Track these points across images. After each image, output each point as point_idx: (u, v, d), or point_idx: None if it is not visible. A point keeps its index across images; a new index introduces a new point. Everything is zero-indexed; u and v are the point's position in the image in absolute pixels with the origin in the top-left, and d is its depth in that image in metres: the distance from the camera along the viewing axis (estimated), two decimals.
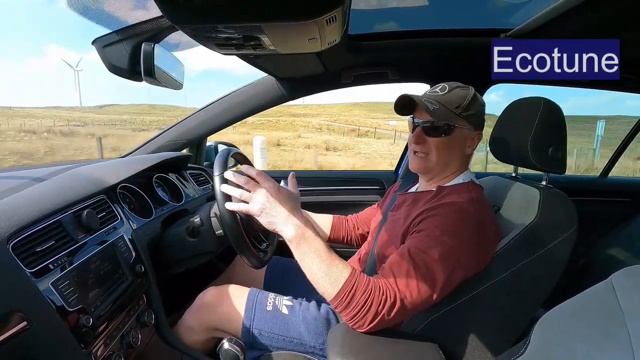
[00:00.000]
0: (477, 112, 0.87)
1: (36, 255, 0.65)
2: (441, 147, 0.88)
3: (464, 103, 0.86)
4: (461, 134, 0.88)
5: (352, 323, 0.74)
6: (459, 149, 0.89)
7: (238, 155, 1.16)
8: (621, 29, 1.03)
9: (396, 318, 0.73)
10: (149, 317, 0.91)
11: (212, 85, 68.92)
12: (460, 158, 0.91)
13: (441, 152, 0.88)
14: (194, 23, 0.70)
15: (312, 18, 0.66)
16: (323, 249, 0.75)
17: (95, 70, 24.32)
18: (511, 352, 0.50)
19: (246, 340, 0.91)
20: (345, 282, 0.72)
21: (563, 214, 0.83)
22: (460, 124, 0.86)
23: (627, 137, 1.89)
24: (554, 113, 0.85)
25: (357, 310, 0.71)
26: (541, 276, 0.82)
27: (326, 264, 0.73)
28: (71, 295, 0.67)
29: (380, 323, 0.72)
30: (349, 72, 1.49)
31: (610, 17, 0.94)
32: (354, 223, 1.27)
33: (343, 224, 1.27)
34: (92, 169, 1.03)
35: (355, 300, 0.71)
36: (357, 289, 0.71)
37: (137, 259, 0.91)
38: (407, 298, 0.72)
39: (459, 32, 1.28)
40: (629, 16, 0.93)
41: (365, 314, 0.71)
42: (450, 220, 0.77)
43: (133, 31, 0.97)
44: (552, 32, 1.07)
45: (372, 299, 0.71)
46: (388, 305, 0.71)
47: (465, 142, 0.89)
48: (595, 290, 0.42)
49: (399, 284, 0.72)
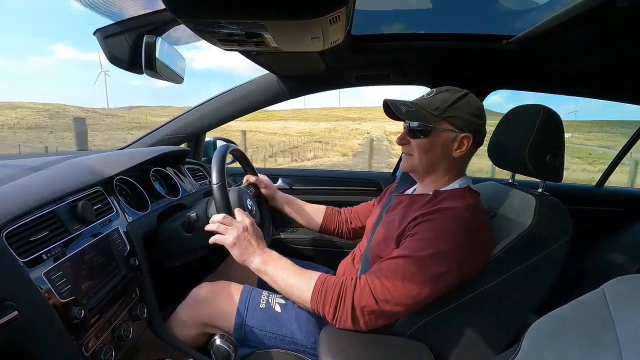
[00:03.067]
0: (462, 114, 0.86)
1: (30, 244, 0.65)
2: (421, 148, 0.89)
3: (444, 105, 0.86)
4: (444, 136, 0.87)
5: (335, 322, 0.76)
6: (443, 151, 0.88)
7: (235, 152, 1.16)
8: (623, 39, 1.03)
9: (381, 316, 0.75)
10: (142, 311, 0.90)
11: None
12: (447, 160, 0.89)
13: (422, 153, 0.90)
14: (197, 17, 0.70)
15: (315, 17, 0.66)
16: (290, 265, 0.83)
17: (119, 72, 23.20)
18: (502, 358, 0.50)
19: (238, 336, 0.91)
20: (316, 283, 0.78)
21: (558, 222, 0.84)
22: (440, 126, 0.86)
23: (625, 146, 1.91)
24: (552, 121, 0.86)
25: (334, 306, 0.75)
26: (534, 283, 0.82)
27: (295, 275, 0.80)
28: (64, 286, 0.67)
29: (363, 319, 0.74)
30: (350, 72, 1.49)
31: (613, 26, 0.94)
32: (347, 216, 1.28)
33: (335, 215, 1.28)
34: (89, 160, 1.03)
35: (329, 295, 0.75)
36: (329, 285, 0.77)
37: (132, 252, 0.90)
38: (390, 296, 0.74)
39: (462, 37, 1.28)
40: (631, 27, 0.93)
41: (342, 307, 0.74)
42: (445, 226, 0.77)
43: (135, 23, 0.97)
44: (555, 40, 1.07)
45: (345, 292, 0.75)
46: (366, 299, 0.74)
47: (451, 145, 0.88)
48: (588, 299, 0.43)
49: (384, 282, 0.74)
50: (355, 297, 0.74)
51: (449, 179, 0.91)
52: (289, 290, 0.80)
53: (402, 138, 0.94)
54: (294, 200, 1.31)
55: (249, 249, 0.85)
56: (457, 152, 0.88)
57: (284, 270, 0.82)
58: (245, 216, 0.89)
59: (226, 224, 0.86)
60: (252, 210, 1.04)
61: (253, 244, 0.85)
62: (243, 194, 1.03)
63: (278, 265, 0.83)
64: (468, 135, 0.87)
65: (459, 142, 0.87)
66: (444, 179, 0.92)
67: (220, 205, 0.87)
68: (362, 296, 0.74)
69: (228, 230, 0.85)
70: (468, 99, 0.88)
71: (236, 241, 0.84)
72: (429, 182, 0.94)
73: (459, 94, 0.88)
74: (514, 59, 1.31)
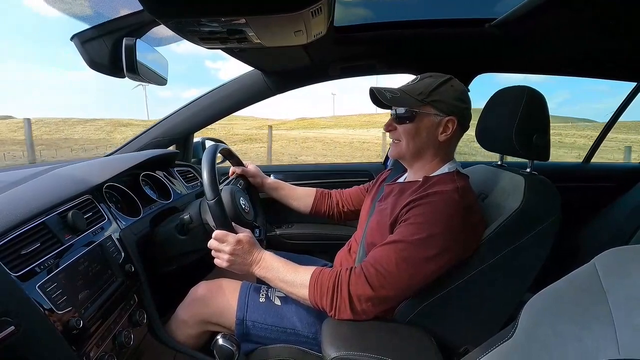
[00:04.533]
0: (446, 98, 0.87)
1: (21, 258, 0.64)
2: (408, 134, 0.90)
3: (428, 89, 0.87)
4: (428, 120, 0.88)
5: (334, 313, 0.78)
6: (429, 135, 0.89)
7: (225, 151, 1.16)
8: (606, 18, 1.05)
9: (378, 303, 0.77)
10: (141, 317, 0.90)
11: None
12: (434, 145, 0.90)
13: (409, 138, 0.90)
14: (176, 17, 0.69)
15: (297, 10, 0.66)
16: (284, 264, 0.86)
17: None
18: (500, 336, 0.51)
19: (240, 332, 0.91)
20: (311, 278, 0.81)
21: (547, 200, 0.85)
22: (424, 110, 0.87)
23: (610, 121, 1.94)
24: (537, 101, 0.87)
25: (330, 297, 0.77)
26: (528, 261, 0.84)
27: (291, 273, 0.84)
28: (60, 298, 0.66)
29: (361, 307, 0.76)
30: (336, 64, 1.49)
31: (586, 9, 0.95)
32: (337, 199, 1.29)
33: (326, 198, 1.30)
34: (76, 169, 1.01)
35: (324, 288, 0.78)
36: (323, 278, 0.79)
37: (127, 258, 0.89)
38: (386, 282, 0.75)
39: (445, 22, 1.28)
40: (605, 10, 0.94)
41: (339, 298, 0.76)
42: (436, 209, 0.78)
43: (113, 26, 0.95)
44: (536, 21, 1.08)
45: (341, 283, 0.77)
46: (362, 287, 0.76)
47: (436, 129, 0.88)
48: (579, 273, 0.44)
49: (378, 268, 0.76)
50: (351, 287, 0.76)
51: (437, 163, 0.92)
52: (288, 289, 0.84)
53: (388, 125, 0.95)
54: (283, 185, 1.31)
55: (246, 261, 0.86)
56: (442, 136, 0.89)
57: (280, 271, 0.84)
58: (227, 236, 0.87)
59: (219, 238, 0.86)
60: (245, 209, 1.03)
61: (247, 256, 0.86)
62: (236, 194, 1.02)
63: (274, 267, 0.85)
64: (452, 119, 0.87)
65: (444, 126, 0.88)
66: (432, 164, 0.92)
67: (219, 220, 0.87)
68: (357, 285, 0.76)
69: (220, 252, 0.86)
70: (451, 84, 0.89)
71: (230, 261, 0.86)
72: (418, 168, 0.95)
73: (442, 79, 0.89)
74: (496, 42, 1.32)
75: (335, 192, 1.31)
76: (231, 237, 0.86)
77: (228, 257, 0.85)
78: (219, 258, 0.87)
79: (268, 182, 1.30)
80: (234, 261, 0.86)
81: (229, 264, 0.86)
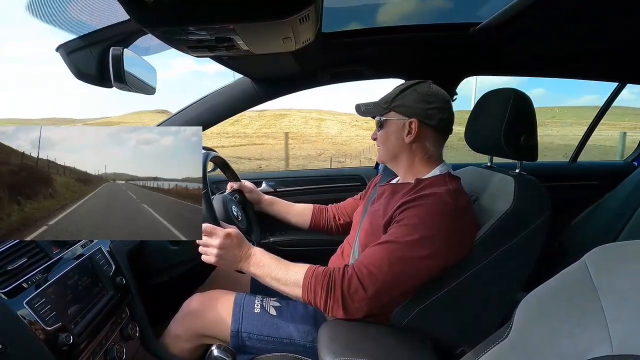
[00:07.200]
0: (406, 101, 0.91)
1: (8, 274, 0.62)
2: (382, 139, 0.97)
3: (391, 96, 0.93)
4: (394, 125, 0.94)
5: (327, 311, 0.78)
6: (397, 139, 0.93)
7: (216, 159, 1.15)
8: (585, 21, 1.07)
9: (371, 302, 0.77)
10: (133, 330, 0.88)
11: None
12: (404, 147, 0.93)
13: (382, 144, 0.98)
14: (163, 26, 0.68)
15: (285, 17, 0.66)
16: (276, 261, 0.85)
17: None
18: (496, 336, 0.51)
19: (235, 344, 0.90)
20: (306, 275, 0.80)
21: (537, 200, 0.87)
22: (388, 116, 0.94)
23: (594, 120, 1.99)
24: (524, 103, 0.88)
25: (324, 296, 0.77)
26: (520, 260, 0.85)
27: (284, 270, 0.83)
28: (48, 314, 0.64)
29: (353, 306, 0.76)
30: (325, 70, 1.49)
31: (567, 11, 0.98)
32: (334, 213, 1.30)
33: (323, 213, 1.30)
34: None
35: (318, 286, 0.77)
36: (317, 276, 0.79)
37: (117, 271, 0.88)
38: (377, 282, 0.76)
39: (431, 27, 1.30)
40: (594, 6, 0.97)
41: (332, 297, 0.76)
42: (429, 211, 0.79)
43: (99, 36, 0.94)
44: (519, 24, 1.10)
45: (334, 281, 0.77)
46: (354, 286, 0.76)
47: (401, 132, 0.92)
48: (571, 271, 0.44)
49: (371, 268, 0.76)
50: (344, 286, 0.76)
51: (424, 166, 0.93)
52: (280, 287, 0.82)
53: (373, 133, 1.01)
54: (280, 202, 1.31)
55: (235, 257, 0.85)
56: (407, 138, 0.91)
57: (271, 268, 0.83)
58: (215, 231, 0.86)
59: (208, 232, 0.84)
60: (238, 217, 1.02)
61: (236, 251, 0.85)
62: (228, 202, 1.01)
63: (265, 264, 0.84)
64: (414, 121, 0.90)
65: (408, 128, 0.91)
66: (420, 167, 0.94)
67: (205, 214, 0.86)
68: (350, 284, 0.76)
69: (208, 246, 0.84)
70: (415, 87, 0.92)
71: (219, 256, 0.83)
72: (403, 171, 0.97)
73: (409, 84, 0.93)
74: (481, 45, 1.34)
75: (331, 207, 1.32)
76: (220, 230, 0.84)
77: (217, 251, 0.83)
78: (207, 253, 0.85)
79: (265, 198, 1.30)
80: (223, 256, 0.83)
81: (217, 259, 0.83)
